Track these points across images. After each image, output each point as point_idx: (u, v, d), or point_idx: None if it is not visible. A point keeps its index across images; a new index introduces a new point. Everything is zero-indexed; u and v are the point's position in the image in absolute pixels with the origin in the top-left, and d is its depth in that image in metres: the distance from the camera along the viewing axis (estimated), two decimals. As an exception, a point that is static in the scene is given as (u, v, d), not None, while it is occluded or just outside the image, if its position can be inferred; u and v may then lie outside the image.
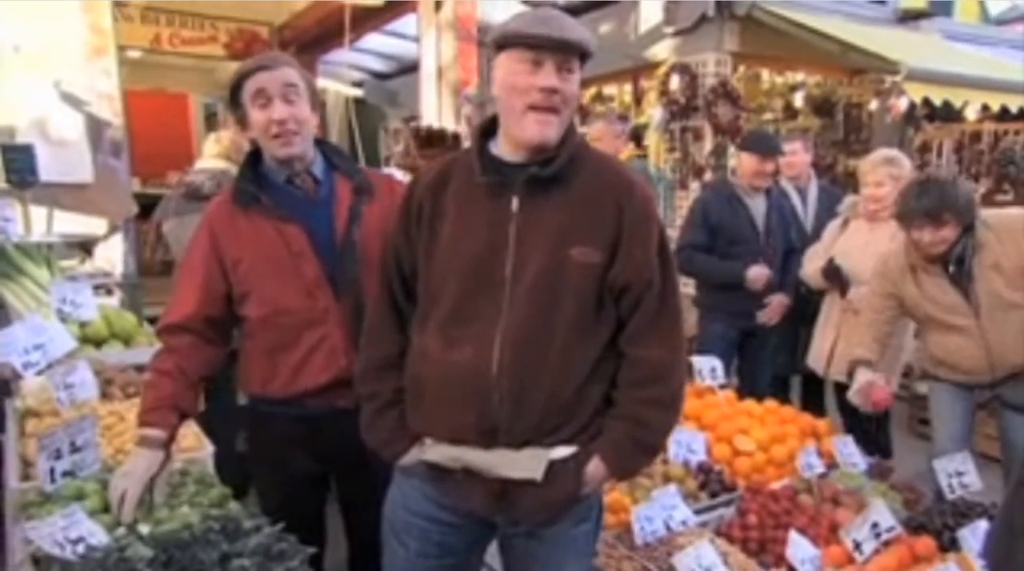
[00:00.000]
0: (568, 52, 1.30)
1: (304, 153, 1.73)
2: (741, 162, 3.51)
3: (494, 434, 1.36)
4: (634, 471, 1.60)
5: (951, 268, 2.53)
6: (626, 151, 4.43)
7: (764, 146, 3.42)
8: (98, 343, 2.35)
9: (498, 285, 1.35)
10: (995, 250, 2.48)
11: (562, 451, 1.38)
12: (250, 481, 2.06)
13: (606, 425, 1.41)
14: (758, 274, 3.36)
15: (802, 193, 3.92)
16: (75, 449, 1.53)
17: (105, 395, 2.00)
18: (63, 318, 2.26)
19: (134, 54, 7.03)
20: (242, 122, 1.72)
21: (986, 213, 2.60)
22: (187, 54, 6.83)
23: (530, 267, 1.34)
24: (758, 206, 3.47)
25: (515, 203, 1.36)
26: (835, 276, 3.19)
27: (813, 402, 3.85)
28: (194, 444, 1.82)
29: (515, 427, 1.36)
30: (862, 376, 2.62)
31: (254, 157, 1.77)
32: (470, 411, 1.36)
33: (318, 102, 1.78)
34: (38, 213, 3.08)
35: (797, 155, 3.89)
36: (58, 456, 1.49)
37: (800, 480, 2.32)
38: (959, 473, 2.41)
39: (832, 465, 2.44)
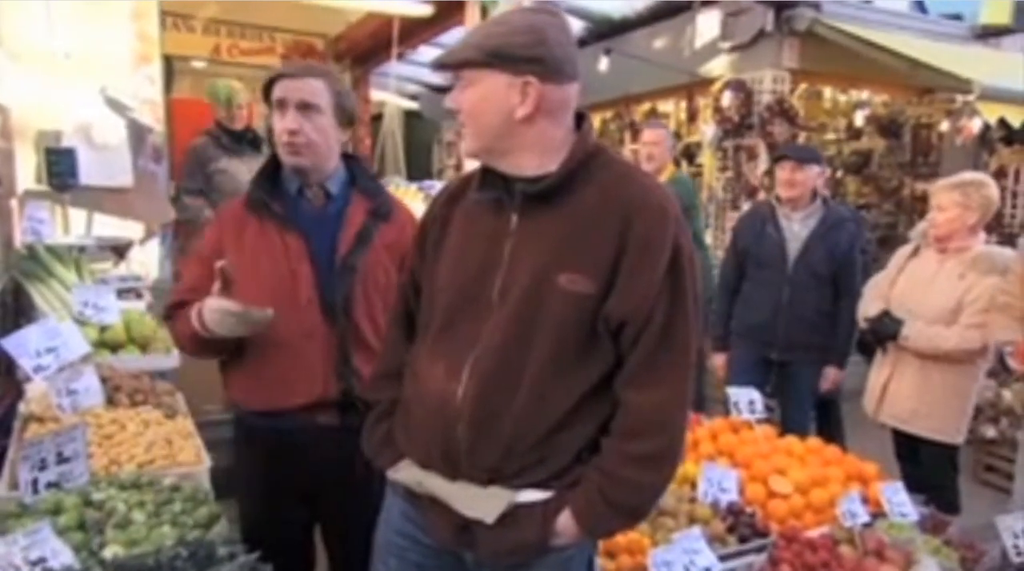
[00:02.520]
0: (453, 70, 1.29)
1: (314, 166, 1.73)
2: (776, 175, 3.36)
3: (457, 464, 1.28)
4: (610, 533, 1.44)
5: None
6: (668, 170, 4.31)
7: (792, 154, 3.26)
8: (115, 348, 2.34)
9: (484, 307, 1.27)
10: None
11: (530, 495, 1.27)
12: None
13: (584, 475, 1.26)
14: (719, 363, 3.38)
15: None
16: (62, 459, 1.49)
17: (111, 402, 1.97)
18: (82, 321, 2.26)
19: (198, 64, 7.28)
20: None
21: None
22: (245, 64, 7.01)
23: (515, 291, 1.24)
24: (796, 230, 3.26)
25: (514, 219, 1.27)
26: (883, 332, 2.95)
27: (826, 422, 3.63)
28: (191, 459, 1.76)
29: (476, 462, 1.26)
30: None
31: (274, 161, 1.78)
32: (437, 437, 1.29)
33: (350, 117, 1.77)
34: (78, 216, 3.14)
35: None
36: (43, 466, 1.45)
37: (841, 529, 2.13)
38: (1027, 533, 2.17)
39: (879, 514, 2.24)
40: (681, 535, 1.88)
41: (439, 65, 1.31)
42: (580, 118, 1.33)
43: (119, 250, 3.09)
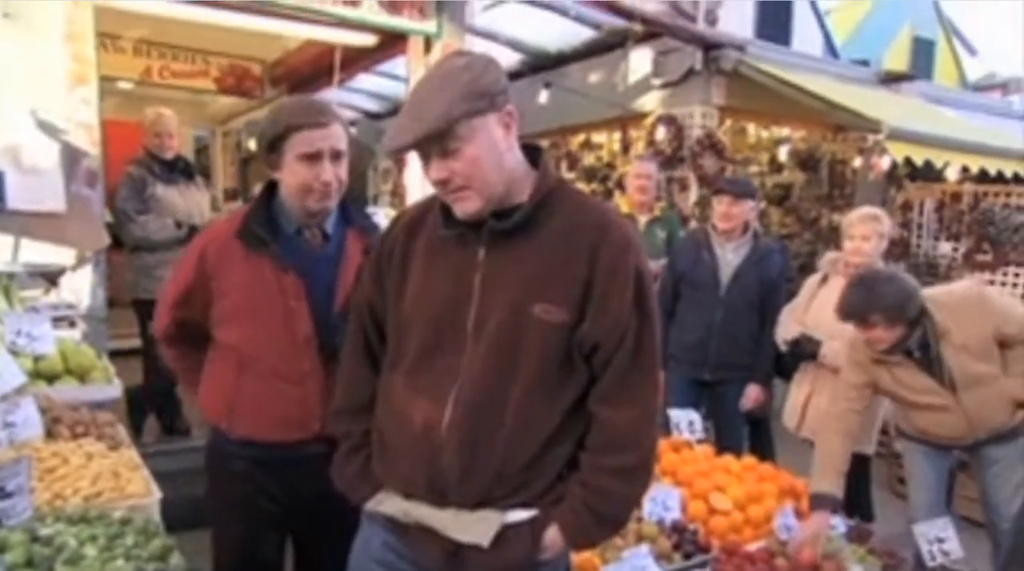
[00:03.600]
0: (435, 143, 1.20)
1: (331, 208, 1.73)
2: (714, 206, 3.56)
3: (444, 493, 1.30)
4: (593, 543, 1.48)
5: (916, 355, 2.51)
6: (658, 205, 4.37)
7: (731, 188, 3.46)
8: (51, 378, 2.25)
9: (460, 339, 1.30)
10: (955, 331, 2.46)
11: (518, 515, 1.31)
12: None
13: (568, 491, 1.32)
14: None
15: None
16: (4, 495, 1.43)
17: (51, 434, 1.89)
18: (15, 351, 2.16)
19: (125, 85, 7.05)
20: (273, 166, 1.69)
21: (935, 296, 2.52)
22: (178, 87, 6.84)
23: (490, 323, 1.28)
24: (730, 257, 3.47)
25: (481, 253, 1.30)
26: (803, 352, 3.17)
27: (757, 440, 3.80)
28: (140, 490, 1.71)
29: (464, 489, 1.29)
30: (815, 524, 2.27)
31: (269, 195, 1.74)
32: (421, 468, 1.31)
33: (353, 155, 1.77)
34: (5, 241, 3.00)
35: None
36: (-16, 502, 1.40)
37: (777, 542, 2.24)
38: (940, 539, 2.34)
39: (811, 527, 2.37)
40: (630, 553, 1.94)
41: (424, 139, 1.19)
42: (537, 151, 1.36)
43: (50, 277, 2.97)
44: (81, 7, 3.41)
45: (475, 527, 1.28)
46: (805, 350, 3.15)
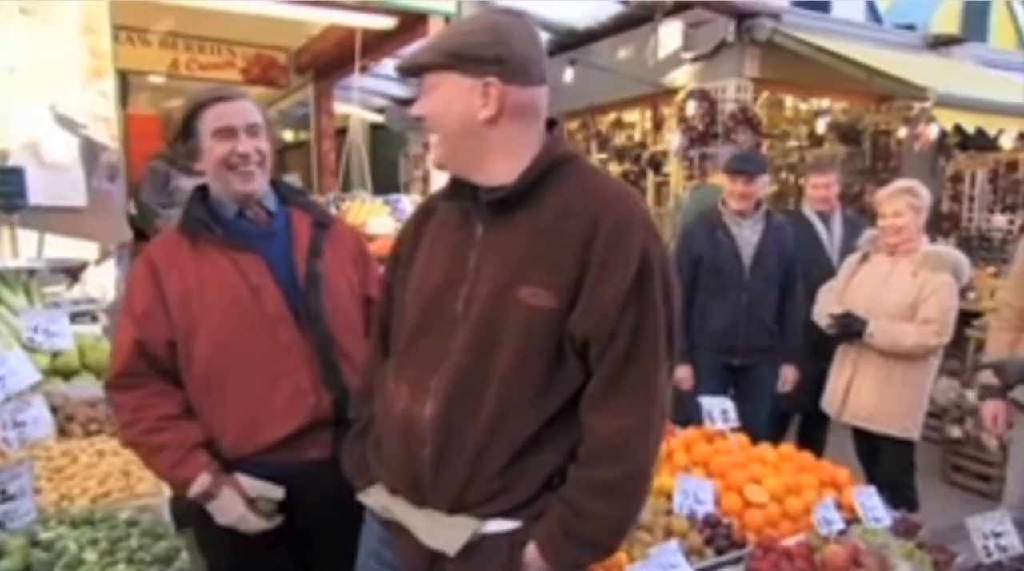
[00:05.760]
0: (414, 75, 1.24)
1: (261, 188, 1.66)
2: (725, 186, 3.38)
3: (422, 490, 1.23)
4: (576, 566, 1.29)
5: None
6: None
7: (747, 167, 3.27)
8: (68, 375, 2.24)
9: (448, 322, 1.21)
10: None
11: (497, 526, 1.21)
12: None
13: (550, 506, 1.20)
14: (682, 376, 3.30)
15: (827, 222, 3.78)
16: (6, 498, 1.40)
17: (64, 432, 1.88)
18: (32, 348, 2.16)
19: (156, 79, 7.11)
20: (193, 154, 1.63)
21: None
22: (205, 79, 6.85)
23: (476, 305, 1.18)
24: (747, 235, 3.31)
25: (480, 230, 1.22)
26: (849, 329, 3.02)
27: (811, 441, 3.65)
28: (150, 489, 1.68)
29: (439, 488, 1.21)
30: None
31: (202, 191, 1.68)
32: (403, 461, 1.24)
33: (273, 136, 1.73)
34: (28, 237, 3.02)
35: (830, 188, 3.80)
36: (-16, 506, 1.37)
37: (817, 536, 2.12)
38: (996, 534, 2.19)
39: (853, 520, 2.24)
40: (658, 549, 1.85)
41: (401, 71, 1.27)
42: (551, 124, 1.27)
43: (73, 272, 2.97)
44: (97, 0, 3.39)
45: (445, 533, 1.20)
46: (853, 327, 3.00)
